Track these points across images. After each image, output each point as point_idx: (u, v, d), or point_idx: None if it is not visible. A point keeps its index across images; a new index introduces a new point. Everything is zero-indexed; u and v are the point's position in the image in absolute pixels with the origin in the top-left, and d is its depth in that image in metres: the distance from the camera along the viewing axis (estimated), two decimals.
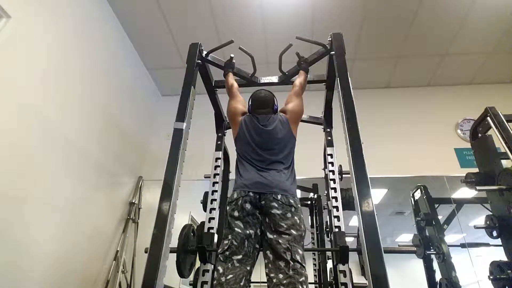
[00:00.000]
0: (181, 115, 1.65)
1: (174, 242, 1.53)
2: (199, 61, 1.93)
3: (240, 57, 1.95)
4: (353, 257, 1.68)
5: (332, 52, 1.77)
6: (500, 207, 1.79)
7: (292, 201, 1.39)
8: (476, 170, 2.05)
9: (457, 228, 2.70)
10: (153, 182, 3.30)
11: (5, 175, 1.77)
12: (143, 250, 1.34)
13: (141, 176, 3.35)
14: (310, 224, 3.18)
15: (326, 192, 2.12)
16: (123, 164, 3.10)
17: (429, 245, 2.48)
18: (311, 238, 3.12)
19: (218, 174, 2.13)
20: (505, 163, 1.86)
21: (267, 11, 2.89)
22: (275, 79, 2.14)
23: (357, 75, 3.29)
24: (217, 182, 2.08)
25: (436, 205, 2.58)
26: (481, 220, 1.93)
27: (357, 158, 1.34)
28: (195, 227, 1.87)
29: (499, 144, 1.86)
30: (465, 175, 2.07)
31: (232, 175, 2.48)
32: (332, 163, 2.06)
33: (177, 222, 1.43)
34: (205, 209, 2.02)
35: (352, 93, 1.54)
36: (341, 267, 1.68)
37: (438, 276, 2.37)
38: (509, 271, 1.65)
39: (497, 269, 1.71)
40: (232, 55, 1.97)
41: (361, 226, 1.19)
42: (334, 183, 1.97)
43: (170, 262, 1.35)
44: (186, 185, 1.69)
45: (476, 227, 1.91)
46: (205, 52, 1.98)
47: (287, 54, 1.88)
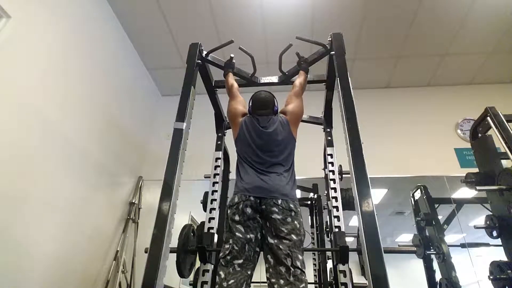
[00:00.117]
0: (181, 115, 1.65)
1: (174, 242, 1.53)
2: (199, 61, 1.93)
3: (240, 57, 1.95)
4: (353, 257, 1.68)
5: (332, 52, 1.78)
6: (500, 207, 1.79)
7: (292, 206, 1.40)
8: (476, 170, 2.05)
9: (457, 228, 2.70)
10: (153, 182, 3.30)
11: (5, 175, 1.77)
12: (143, 250, 1.34)
13: (141, 176, 3.35)
14: (310, 224, 3.17)
15: (326, 192, 2.12)
16: (123, 164, 3.10)
17: (429, 245, 2.48)
18: (311, 238, 3.12)
19: (218, 174, 2.13)
20: (505, 163, 1.86)
21: (267, 11, 2.89)
22: (275, 79, 2.14)
23: (357, 75, 3.29)
24: (217, 182, 2.09)
25: (436, 205, 2.58)
26: (481, 220, 1.93)
27: (357, 158, 1.35)
28: (195, 227, 1.88)
29: (499, 144, 1.86)
30: (465, 175, 2.07)
31: (232, 175, 2.48)
32: (332, 163, 2.06)
33: (177, 222, 1.43)
34: (205, 209, 2.02)
35: (352, 93, 1.55)
36: (341, 267, 1.68)
37: (438, 276, 2.37)
38: (509, 271, 1.65)
39: (497, 269, 1.72)
40: (232, 55, 1.97)
41: (361, 226, 1.19)
42: (334, 183, 1.97)
43: (170, 262, 1.35)
44: (186, 185, 1.69)
45: (476, 227, 1.91)
46: (205, 52, 1.98)
47: (287, 54, 1.88)
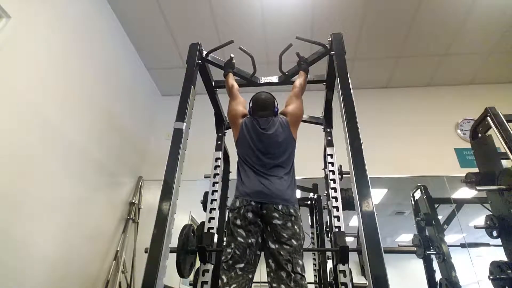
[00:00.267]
0: (181, 115, 1.65)
1: (174, 242, 1.53)
2: (199, 61, 1.93)
3: (240, 57, 1.95)
4: (353, 257, 1.68)
5: (332, 52, 1.78)
6: (500, 207, 1.79)
7: (292, 211, 1.41)
8: (476, 170, 2.05)
9: (457, 228, 2.70)
10: (153, 182, 3.30)
11: (5, 175, 1.77)
12: (143, 250, 1.34)
13: (141, 176, 3.35)
14: (310, 224, 3.17)
15: (326, 192, 2.12)
16: (123, 164, 3.10)
17: (429, 245, 2.48)
18: (311, 238, 3.12)
19: (218, 174, 2.14)
20: (505, 163, 1.86)
21: (267, 11, 2.89)
22: (275, 79, 2.14)
23: (357, 75, 3.29)
24: (217, 182, 2.09)
25: (436, 205, 2.58)
26: (481, 220, 1.93)
27: (357, 158, 1.35)
28: (195, 227, 1.88)
29: (499, 144, 1.86)
30: (465, 175, 2.07)
31: (232, 175, 2.49)
32: (332, 163, 2.06)
33: (177, 222, 1.43)
34: (205, 209, 2.02)
35: (352, 93, 1.55)
36: (341, 267, 1.69)
37: (438, 276, 2.38)
38: (509, 271, 1.65)
39: (497, 269, 1.72)
40: (232, 55, 1.97)
41: (361, 226, 1.19)
42: (334, 183, 1.98)
43: (170, 262, 1.35)
44: (186, 185, 1.69)
45: (476, 227, 1.91)
46: (205, 52, 1.98)
47: (287, 54, 1.88)
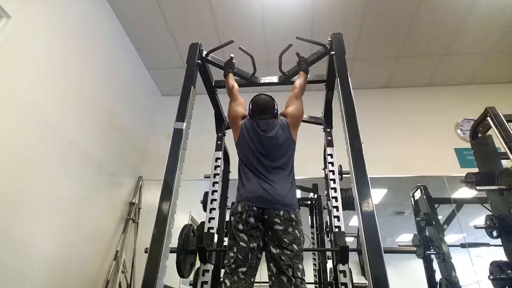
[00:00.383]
0: (181, 115, 1.65)
1: (174, 242, 1.53)
2: (199, 61, 1.93)
3: (240, 57, 1.95)
4: (353, 257, 1.68)
5: (332, 52, 1.78)
6: (500, 207, 1.79)
7: (293, 216, 1.42)
8: (476, 170, 2.05)
9: (457, 228, 2.70)
10: (153, 182, 3.30)
11: (5, 175, 1.77)
12: (143, 250, 1.34)
13: (141, 176, 3.35)
14: (310, 224, 3.17)
15: (326, 192, 2.12)
16: (123, 164, 3.10)
17: (429, 245, 2.48)
18: (311, 238, 3.12)
19: (218, 174, 2.14)
20: (505, 163, 1.86)
21: (267, 11, 2.89)
22: (275, 79, 2.14)
23: (357, 75, 3.29)
24: (217, 182, 2.09)
25: (436, 205, 2.58)
26: (481, 220, 1.93)
27: (357, 158, 1.35)
28: (195, 227, 1.88)
29: (499, 144, 1.86)
30: (465, 175, 2.07)
31: (232, 175, 2.49)
32: (332, 163, 2.06)
33: (177, 222, 1.43)
34: (205, 209, 2.02)
35: (352, 93, 1.55)
36: (341, 267, 1.69)
37: (438, 276, 2.37)
38: (509, 271, 1.65)
39: (497, 269, 1.72)
40: (232, 55, 1.96)
41: (361, 226, 1.19)
42: (334, 183, 1.98)
43: (170, 262, 1.35)
44: (186, 185, 1.69)
45: (476, 227, 1.91)
46: (205, 52, 1.98)
47: (287, 54, 1.88)
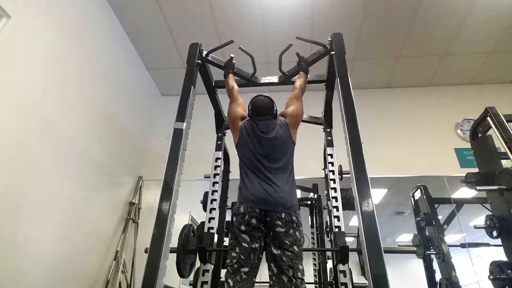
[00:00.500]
0: (181, 115, 1.65)
1: (174, 242, 1.53)
2: (199, 61, 1.92)
3: (240, 57, 1.95)
4: (353, 257, 1.68)
5: (332, 52, 1.78)
6: (500, 207, 1.79)
7: (294, 218, 1.44)
8: (476, 170, 2.05)
9: (457, 228, 2.70)
10: (153, 182, 3.30)
11: (5, 175, 1.77)
12: (143, 250, 1.34)
13: (141, 176, 3.35)
14: (310, 224, 3.17)
15: (326, 192, 2.12)
16: (123, 164, 3.10)
17: (429, 245, 2.48)
18: (311, 238, 3.12)
19: (218, 174, 2.13)
20: (505, 163, 1.86)
21: (267, 11, 2.89)
22: (275, 79, 2.14)
23: (357, 75, 3.29)
24: (217, 182, 2.09)
25: (436, 205, 2.58)
26: (481, 220, 1.93)
27: (357, 158, 1.35)
28: (195, 227, 1.88)
29: (499, 144, 1.86)
30: (465, 175, 2.07)
31: (232, 175, 2.49)
32: (332, 163, 2.06)
33: (177, 222, 1.43)
34: (205, 209, 2.02)
35: (352, 93, 1.55)
36: (341, 267, 1.69)
37: (438, 276, 2.38)
38: (509, 271, 1.65)
39: (497, 269, 1.71)
40: (232, 55, 1.96)
41: (361, 226, 1.19)
42: (334, 183, 1.98)
43: (170, 262, 1.35)
44: (186, 185, 1.69)
45: (476, 227, 1.91)
46: (205, 52, 1.98)
47: (287, 54, 1.88)
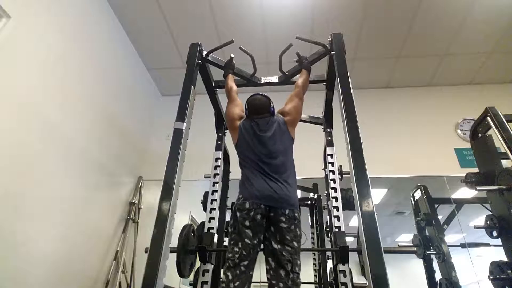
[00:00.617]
0: (181, 115, 1.65)
1: (174, 242, 1.53)
2: (199, 61, 1.93)
3: (240, 57, 1.95)
4: (353, 257, 1.68)
5: (332, 52, 1.78)
6: (500, 207, 1.79)
7: (296, 215, 1.46)
8: (476, 170, 2.05)
9: (457, 228, 2.70)
10: (153, 182, 3.30)
11: (5, 174, 1.77)
12: (143, 250, 1.34)
13: (141, 176, 3.35)
14: (310, 224, 3.17)
15: (326, 192, 2.12)
16: (123, 164, 3.10)
17: (429, 245, 2.48)
18: (311, 238, 3.12)
19: (218, 174, 2.14)
20: (505, 163, 1.86)
21: (267, 11, 2.89)
22: (275, 79, 2.14)
23: (357, 75, 3.29)
24: (217, 182, 2.09)
25: (436, 205, 2.58)
26: (481, 220, 1.93)
27: (357, 158, 1.35)
28: (195, 227, 1.88)
29: (499, 144, 1.86)
30: (465, 175, 2.07)
31: (232, 175, 2.49)
32: (332, 163, 2.06)
33: (177, 222, 1.43)
34: (205, 209, 2.02)
35: (352, 93, 1.55)
36: (341, 267, 1.69)
37: (438, 276, 2.38)
38: (509, 271, 1.65)
39: (497, 269, 1.71)
40: (232, 55, 1.96)
41: (361, 226, 1.19)
42: (334, 183, 1.98)
43: (170, 262, 1.35)
44: (186, 185, 1.69)
45: (476, 227, 1.91)
46: (205, 52, 1.98)
47: (287, 54, 1.88)
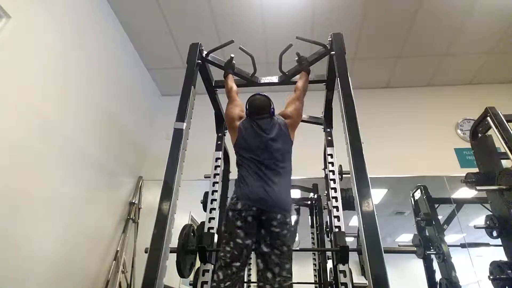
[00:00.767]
0: (181, 115, 1.65)
1: (174, 242, 1.54)
2: (199, 61, 1.93)
3: (240, 57, 1.95)
4: (353, 257, 1.68)
5: (332, 52, 1.78)
6: (500, 207, 1.79)
7: (288, 220, 1.45)
8: (476, 170, 2.05)
9: (457, 228, 2.70)
10: (153, 182, 3.30)
11: (5, 175, 1.77)
12: (143, 250, 1.34)
13: (141, 176, 3.35)
14: (310, 224, 3.18)
15: (326, 192, 2.12)
16: (123, 164, 3.10)
17: (429, 245, 2.48)
18: (311, 238, 3.12)
19: (218, 174, 2.14)
20: (505, 163, 1.86)
21: (267, 11, 2.89)
22: (275, 79, 2.14)
23: (357, 75, 3.29)
24: (217, 182, 2.09)
25: (436, 205, 2.58)
26: (481, 220, 1.93)
27: (357, 158, 1.35)
28: (195, 227, 1.88)
29: (499, 144, 1.86)
30: (465, 175, 2.07)
31: (232, 175, 2.49)
32: (332, 163, 2.06)
33: (177, 222, 1.44)
34: (205, 209, 2.02)
35: (352, 93, 1.55)
36: (341, 267, 1.69)
37: (438, 276, 2.38)
38: (509, 271, 1.65)
39: (497, 269, 1.72)
40: (232, 55, 1.96)
41: (361, 226, 1.19)
42: (334, 183, 1.98)
43: (170, 262, 1.36)
44: (186, 185, 1.69)
45: (476, 227, 1.91)
46: (205, 52, 1.98)
47: (287, 54, 1.88)
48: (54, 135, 2.16)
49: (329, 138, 2.22)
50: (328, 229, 2.50)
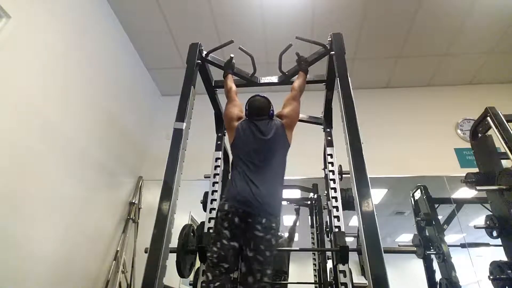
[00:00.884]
0: (181, 115, 1.65)
1: (174, 242, 1.54)
2: (199, 61, 1.93)
3: (240, 57, 1.95)
4: (353, 257, 1.68)
5: (332, 52, 1.78)
6: (500, 207, 1.79)
7: (273, 225, 1.43)
8: (476, 170, 2.05)
9: (457, 228, 2.70)
10: (153, 182, 3.30)
11: (5, 175, 1.77)
12: (143, 250, 1.34)
13: (141, 176, 3.35)
14: (310, 224, 3.18)
15: (326, 192, 2.12)
16: (123, 164, 3.10)
17: (429, 245, 2.48)
18: (311, 238, 3.12)
19: (218, 174, 2.14)
20: (505, 163, 1.86)
21: (267, 11, 2.89)
22: (275, 79, 2.14)
23: (357, 75, 3.29)
24: (217, 182, 2.09)
25: (436, 205, 2.58)
26: (481, 220, 1.93)
27: (357, 158, 1.35)
28: (195, 227, 1.88)
29: (499, 144, 1.86)
30: (465, 175, 2.07)
31: None
32: (332, 163, 2.06)
33: (177, 222, 1.44)
34: (205, 209, 2.02)
35: (352, 93, 1.55)
36: (341, 267, 1.69)
37: (438, 276, 2.37)
38: (509, 271, 1.65)
39: (497, 269, 1.71)
40: (232, 55, 1.96)
41: (361, 226, 1.19)
42: (334, 183, 1.98)
43: (170, 262, 1.36)
44: (186, 185, 1.69)
45: (476, 227, 1.91)
46: (205, 52, 1.98)
47: (287, 54, 1.88)
48: (54, 135, 2.16)
49: (329, 138, 2.22)
50: (328, 229, 2.50)
